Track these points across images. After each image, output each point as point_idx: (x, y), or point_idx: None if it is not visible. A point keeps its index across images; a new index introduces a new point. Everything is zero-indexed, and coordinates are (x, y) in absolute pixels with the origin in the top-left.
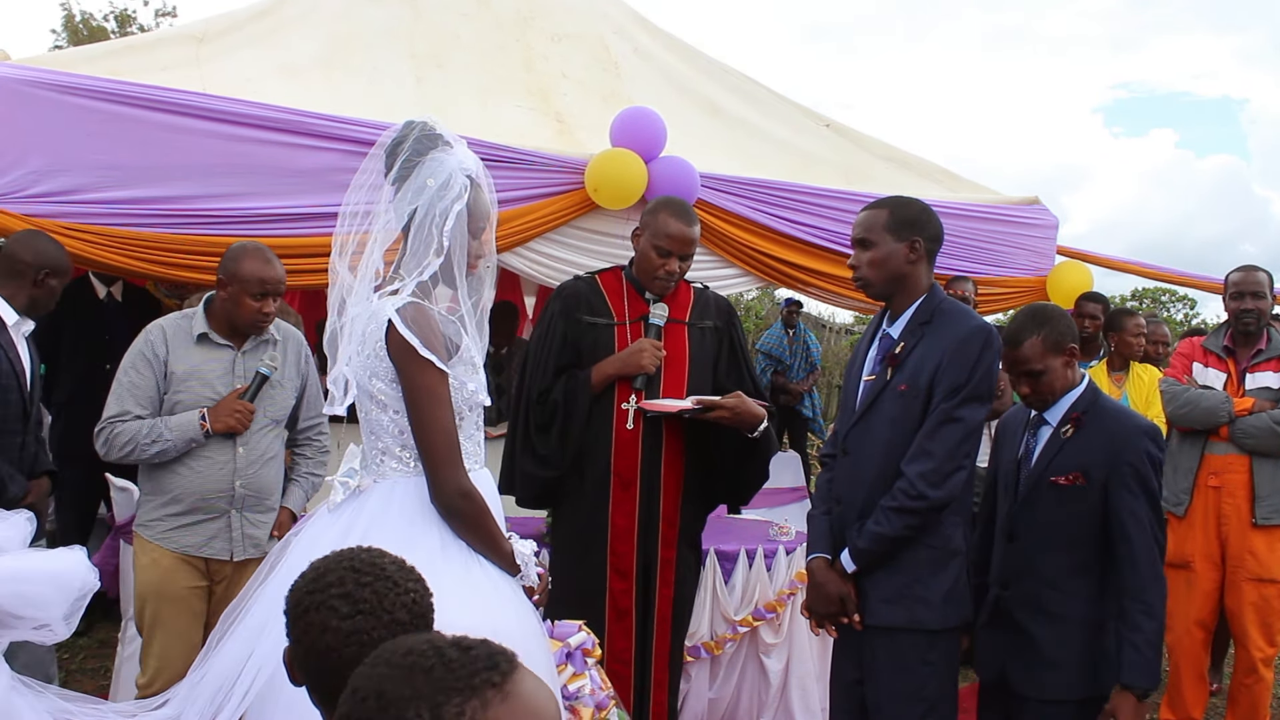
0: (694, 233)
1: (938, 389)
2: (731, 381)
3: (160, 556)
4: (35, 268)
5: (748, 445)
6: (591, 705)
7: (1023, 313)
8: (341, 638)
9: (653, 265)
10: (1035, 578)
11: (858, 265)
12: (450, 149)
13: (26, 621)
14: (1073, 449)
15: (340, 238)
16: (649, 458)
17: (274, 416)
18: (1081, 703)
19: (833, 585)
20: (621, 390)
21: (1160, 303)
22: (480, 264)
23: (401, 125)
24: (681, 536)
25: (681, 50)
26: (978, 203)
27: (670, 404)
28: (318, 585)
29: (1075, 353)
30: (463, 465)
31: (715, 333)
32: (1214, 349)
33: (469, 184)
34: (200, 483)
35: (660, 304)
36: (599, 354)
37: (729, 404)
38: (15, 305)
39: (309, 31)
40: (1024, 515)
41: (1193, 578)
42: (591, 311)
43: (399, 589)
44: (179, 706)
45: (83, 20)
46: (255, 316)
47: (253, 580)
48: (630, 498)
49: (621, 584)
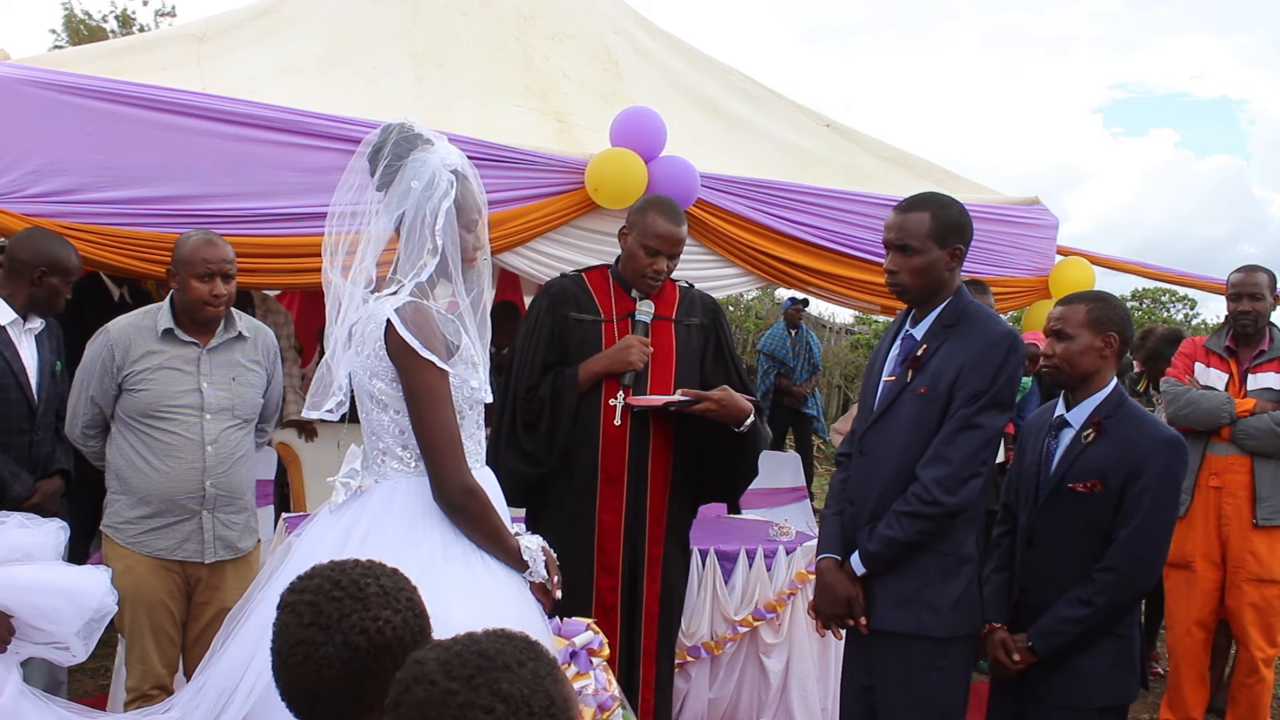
0: (682, 232)
1: (958, 394)
2: (718, 378)
3: (134, 563)
4: (32, 266)
5: (736, 440)
6: (594, 705)
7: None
8: (290, 645)
9: (641, 264)
10: (1054, 583)
11: (896, 270)
12: (431, 147)
13: (41, 634)
14: (1093, 455)
15: (330, 242)
16: (636, 454)
17: (242, 415)
18: (1101, 710)
19: (841, 587)
20: (609, 387)
21: (1160, 303)
22: (478, 256)
23: (380, 130)
24: (669, 534)
25: (681, 50)
26: (978, 203)
27: (657, 398)
28: (299, 586)
29: (1113, 344)
30: (465, 462)
31: (702, 330)
32: (1216, 349)
33: (454, 179)
34: (168, 483)
35: (647, 301)
36: (586, 351)
37: (716, 397)
38: (14, 304)
39: (309, 31)
40: (1043, 520)
41: (1193, 578)
42: (579, 309)
43: (366, 613)
44: (183, 710)
45: (83, 20)
46: (205, 298)
47: (255, 583)
48: (617, 494)
49: (608, 581)
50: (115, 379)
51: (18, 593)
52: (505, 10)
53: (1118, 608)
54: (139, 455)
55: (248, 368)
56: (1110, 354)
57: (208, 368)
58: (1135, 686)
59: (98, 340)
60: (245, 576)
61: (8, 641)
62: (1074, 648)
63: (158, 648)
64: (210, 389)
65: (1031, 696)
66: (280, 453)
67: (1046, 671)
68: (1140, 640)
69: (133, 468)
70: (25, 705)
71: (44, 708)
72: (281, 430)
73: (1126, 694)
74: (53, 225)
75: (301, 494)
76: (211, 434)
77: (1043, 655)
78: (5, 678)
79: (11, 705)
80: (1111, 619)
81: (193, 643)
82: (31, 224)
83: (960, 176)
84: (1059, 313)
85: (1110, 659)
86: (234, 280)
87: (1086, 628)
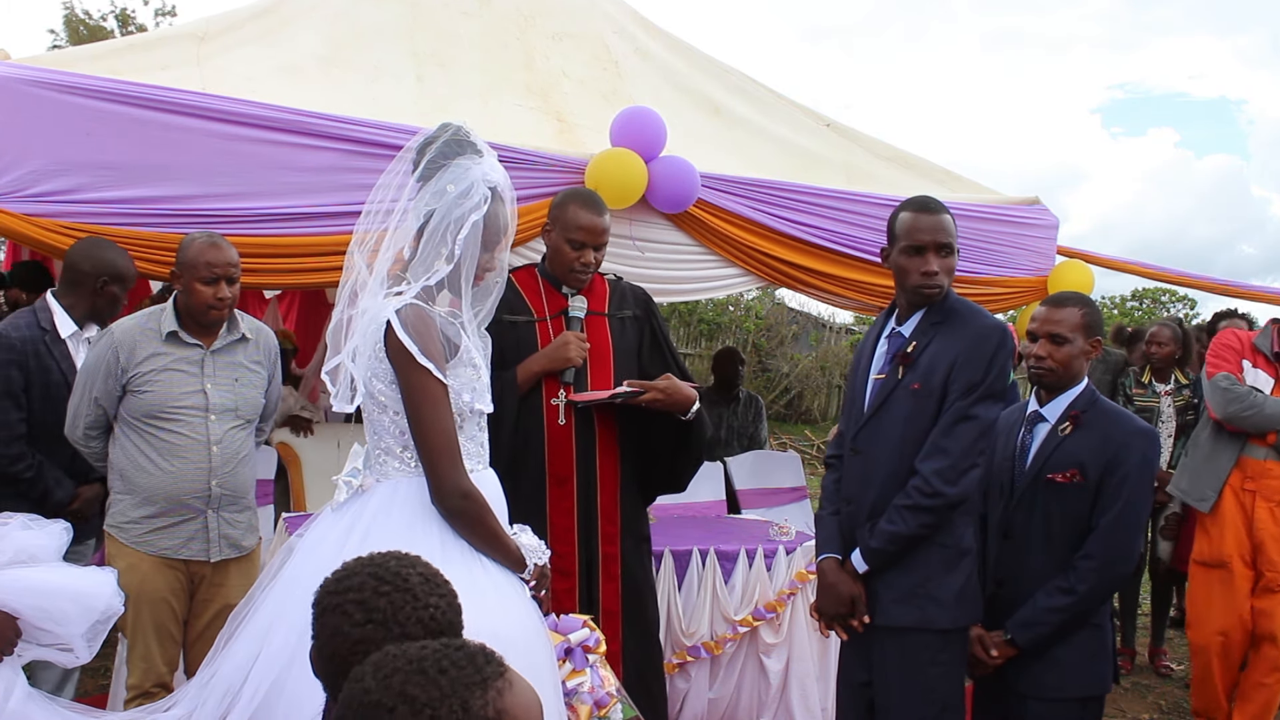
0: (605, 221)
1: (953, 387)
2: (657, 368)
3: (138, 561)
4: (95, 276)
5: (682, 429)
6: (590, 702)
7: (1071, 291)
8: (349, 644)
9: (568, 259)
10: (1032, 575)
11: (939, 271)
12: (479, 158)
13: (47, 636)
14: (1071, 446)
15: (360, 233)
16: (583, 452)
17: (245, 415)
18: (1083, 701)
19: (844, 586)
20: (549, 387)
21: (1160, 303)
22: (488, 276)
23: (436, 127)
24: (624, 530)
25: (682, 50)
26: (978, 203)
27: (601, 393)
28: (339, 587)
29: (1098, 346)
30: (463, 466)
31: (636, 322)
32: (1264, 350)
33: (489, 196)
34: (174, 483)
35: (579, 297)
36: (522, 352)
37: (660, 385)
38: (75, 315)
39: (309, 30)
40: (1020, 513)
41: (1229, 578)
42: (511, 310)
43: (418, 603)
44: (188, 707)
45: (83, 20)
46: (210, 301)
47: (259, 582)
48: (568, 494)
49: (564, 584)
50: (120, 380)
51: (24, 595)
52: (505, 10)
53: (1098, 595)
54: (144, 456)
55: (250, 369)
56: (1093, 356)
57: (211, 369)
58: (1110, 678)
59: (101, 342)
60: (248, 574)
61: (14, 644)
62: (1056, 637)
63: (160, 646)
64: (214, 390)
65: (1011, 691)
66: (280, 452)
67: (1026, 664)
68: (1112, 632)
69: (138, 468)
70: (32, 707)
71: (49, 709)
72: (279, 429)
73: (1105, 685)
74: (53, 225)
75: (301, 494)
76: (216, 434)
77: (1024, 647)
78: (13, 680)
79: (20, 708)
80: (1092, 607)
81: (195, 640)
82: (32, 224)
83: (960, 176)
84: (1054, 315)
85: (1089, 650)
86: (238, 283)
87: (1069, 616)
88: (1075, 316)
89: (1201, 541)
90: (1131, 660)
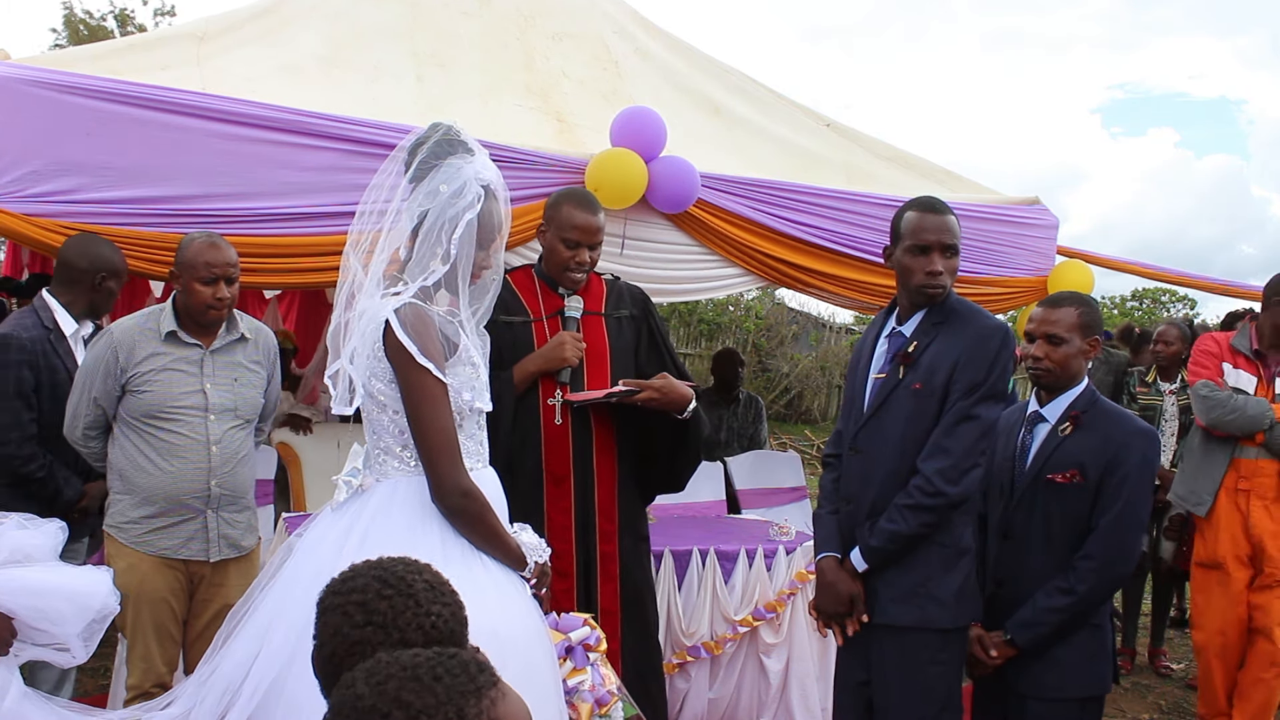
0: (599, 220)
1: (955, 387)
2: (654, 368)
3: (137, 561)
4: (92, 273)
5: (679, 428)
6: (590, 700)
7: (1068, 291)
8: (348, 645)
9: (563, 258)
10: (1032, 575)
11: (944, 271)
12: (470, 157)
13: (43, 636)
14: (1071, 446)
15: (355, 235)
16: (580, 452)
17: (245, 415)
18: (1083, 701)
19: (844, 585)
20: (546, 386)
21: (1160, 303)
22: (485, 274)
23: (427, 127)
24: (622, 529)
25: (682, 50)
26: (978, 203)
27: (598, 392)
28: (343, 588)
29: (1096, 346)
30: (462, 464)
31: (633, 321)
32: (1243, 349)
33: (483, 194)
34: (174, 483)
35: (575, 297)
36: (519, 353)
37: (656, 384)
38: (74, 311)
39: (309, 30)
40: (1020, 513)
41: (1226, 578)
42: (507, 311)
43: (419, 609)
44: (186, 704)
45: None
46: (209, 301)
47: (258, 581)
48: (565, 494)
49: (562, 584)
50: (119, 380)
51: (19, 594)
52: (505, 10)
53: (1098, 595)
54: (144, 456)
55: (249, 369)
56: (1092, 355)
57: (211, 369)
58: (1110, 678)
59: (100, 342)
60: (247, 574)
61: (9, 644)
62: (1055, 637)
63: (160, 645)
64: (214, 390)
65: (1011, 691)
66: (280, 452)
67: (1026, 664)
68: (1112, 632)
69: (137, 468)
70: (28, 707)
71: (46, 709)
72: (278, 428)
73: (1105, 685)
74: (53, 225)
75: (301, 493)
76: (216, 434)
77: (1024, 647)
78: (8, 680)
79: (15, 708)
80: (1092, 607)
81: (194, 640)
82: (32, 224)
83: (961, 176)
84: (1051, 316)
85: (1089, 650)
86: (237, 283)
87: (1069, 616)
88: (1071, 316)
89: (1200, 543)
90: (1131, 660)
